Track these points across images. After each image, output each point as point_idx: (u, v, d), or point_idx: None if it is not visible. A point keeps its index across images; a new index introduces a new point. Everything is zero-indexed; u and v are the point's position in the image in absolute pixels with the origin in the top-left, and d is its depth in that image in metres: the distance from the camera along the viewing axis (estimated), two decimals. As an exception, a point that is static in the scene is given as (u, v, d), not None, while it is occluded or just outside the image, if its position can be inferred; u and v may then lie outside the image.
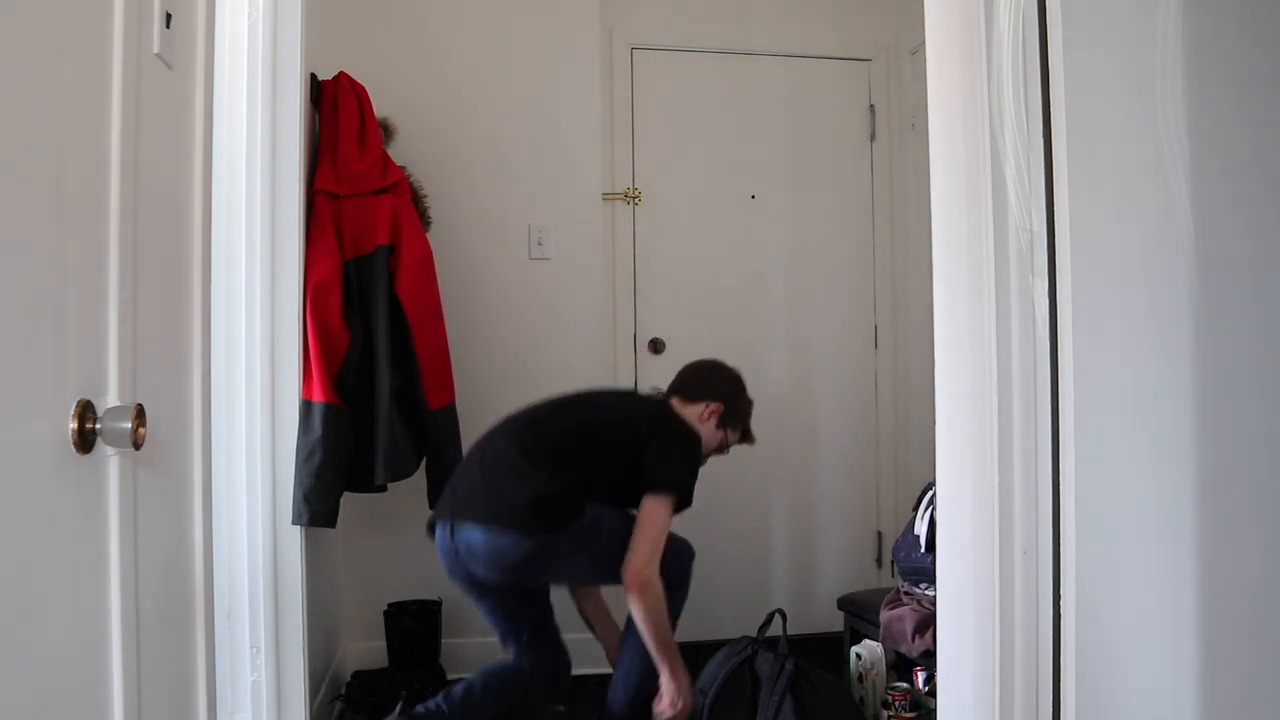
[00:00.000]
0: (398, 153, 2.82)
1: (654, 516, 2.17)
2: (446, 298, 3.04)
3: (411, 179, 2.72)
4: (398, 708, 2.20)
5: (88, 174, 0.97)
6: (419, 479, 2.68)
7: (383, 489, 2.60)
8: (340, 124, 2.49)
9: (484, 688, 2.23)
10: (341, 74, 2.56)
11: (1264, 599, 1.30)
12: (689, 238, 3.41)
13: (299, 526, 2.24)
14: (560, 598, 2.48)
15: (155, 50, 1.10)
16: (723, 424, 2.50)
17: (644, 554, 2.14)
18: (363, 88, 2.60)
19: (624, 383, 3.33)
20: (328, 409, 2.28)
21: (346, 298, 2.41)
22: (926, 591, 2.44)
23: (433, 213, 2.84)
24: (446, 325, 2.72)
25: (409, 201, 2.63)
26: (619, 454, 2.26)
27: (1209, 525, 1.28)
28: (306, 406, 2.27)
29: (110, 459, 0.99)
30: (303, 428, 2.26)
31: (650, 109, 3.39)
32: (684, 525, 3.11)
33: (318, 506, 2.27)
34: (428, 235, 2.72)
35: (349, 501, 2.96)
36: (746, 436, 2.59)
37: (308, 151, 2.36)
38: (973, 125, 1.51)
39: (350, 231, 2.43)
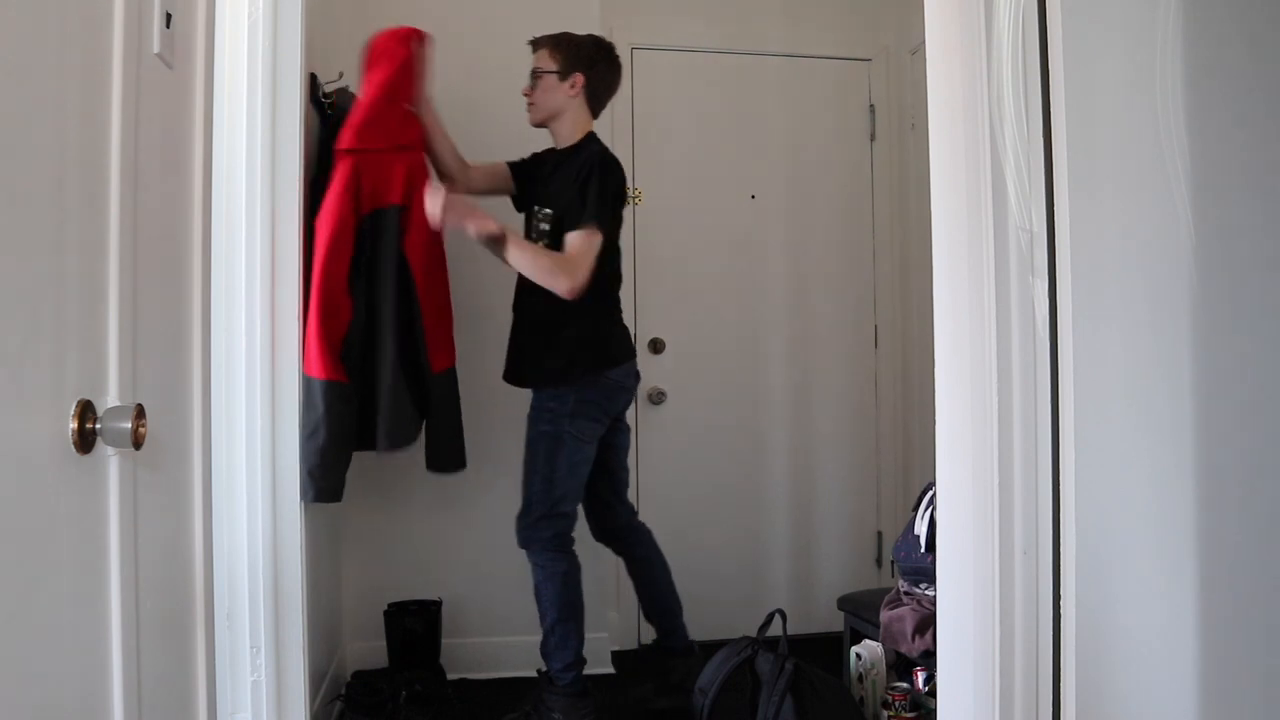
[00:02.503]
0: (398, 153, 2.81)
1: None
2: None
3: None
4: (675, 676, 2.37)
5: (88, 174, 0.97)
6: (419, 481, 2.68)
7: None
8: (371, 77, 2.44)
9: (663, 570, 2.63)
10: (408, 30, 2.50)
11: (1264, 599, 1.30)
12: (689, 238, 3.40)
13: (303, 508, 2.22)
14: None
15: (155, 50, 1.10)
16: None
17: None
18: (420, 42, 2.53)
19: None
20: (329, 386, 2.26)
21: (354, 260, 2.38)
22: (926, 591, 2.44)
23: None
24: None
25: (423, 161, 2.59)
26: None
27: (1209, 525, 1.28)
28: (307, 382, 2.26)
29: (110, 459, 0.99)
30: (305, 404, 2.25)
31: (650, 109, 3.38)
32: (686, 525, 3.12)
33: (322, 484, 2.27)
34: None
35: (349, 499, 2.96)
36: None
37: (308, 151, 2.36)
38: (973, 125, 1.51)
39: (366, 188, 2.40)
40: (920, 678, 2.48)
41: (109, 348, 1.00)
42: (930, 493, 2.42)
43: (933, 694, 2.18)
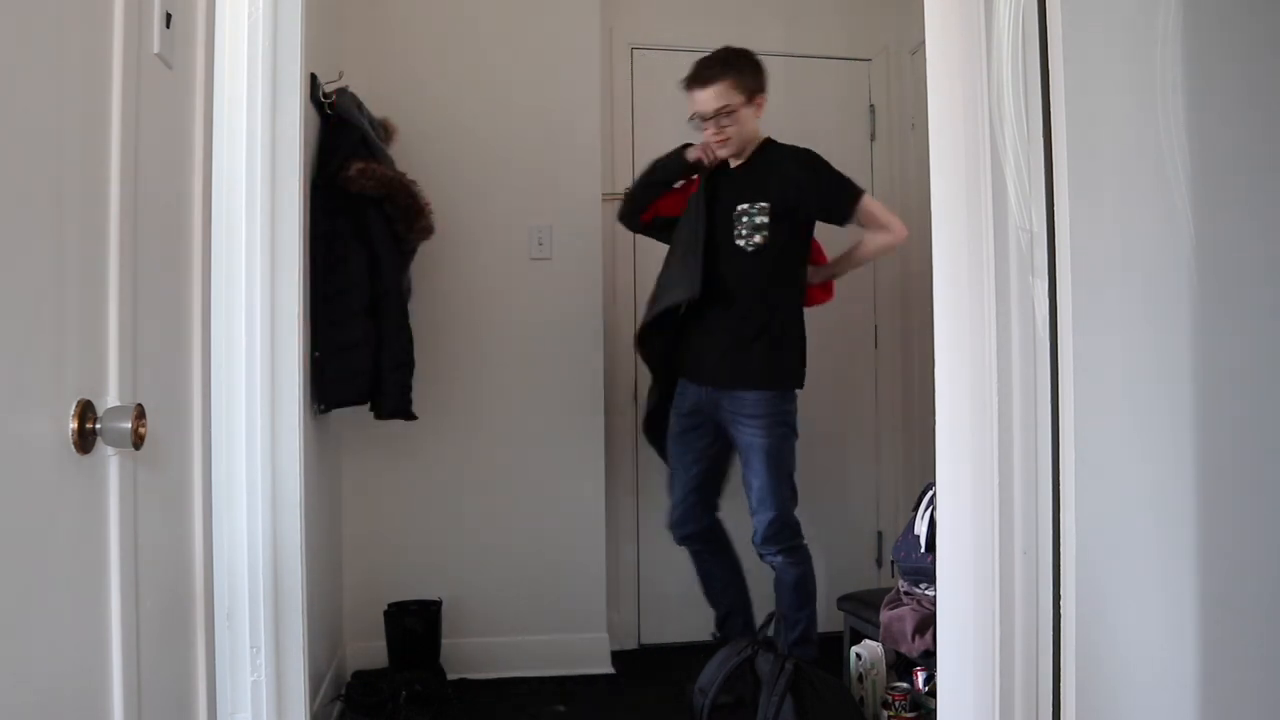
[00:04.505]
0: (399, 154, 2.81)
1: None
2: (447, 298, 3.04)
3: (415, 188, 2.69)
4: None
5: (88, 174, 0.97)
6: (419, 481, 2.67)
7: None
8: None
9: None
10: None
11: (1264, 598, 1.30)
12: (689, 238, 3.39)
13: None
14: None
15: (155, 50, 1.10)
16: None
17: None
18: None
19: (623, 384, 3.33)
20: None
21: None
22: (926, 591, 2.43)
23: (434, 212, 2.82)
24: (447, 325, 2.73)
25: None
26: None
27: (1209, 525, 1.28)
28: None
29: (110, 459, 0.99)
30: None
31: (650, 109, 3.38)
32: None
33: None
34: (429, 242, 2.73)
35: (349, 499, 2.96)
36: None
37: (308, 151, 2.36)
38: (973, 125, 1.51)
39: None
40: (920, 678, 2.48)
41: (109, 348, 1.00)
42: (930, 493, 2.42)
43: (933, 694, 2.18)
